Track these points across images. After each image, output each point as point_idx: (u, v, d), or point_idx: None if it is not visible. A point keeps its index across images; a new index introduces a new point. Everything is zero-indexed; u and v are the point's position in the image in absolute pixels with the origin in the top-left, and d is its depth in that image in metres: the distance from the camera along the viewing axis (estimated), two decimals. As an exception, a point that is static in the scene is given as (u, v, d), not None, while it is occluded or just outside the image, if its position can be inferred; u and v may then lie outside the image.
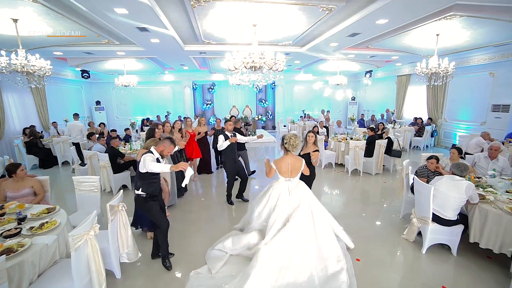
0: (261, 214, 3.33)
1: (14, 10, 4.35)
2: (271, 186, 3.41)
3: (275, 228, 3.04)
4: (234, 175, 4.80)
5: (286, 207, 3.16)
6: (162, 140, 3.07)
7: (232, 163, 4.73)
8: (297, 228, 2.99)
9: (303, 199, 3.20)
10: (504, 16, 4.67)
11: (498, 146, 4.45)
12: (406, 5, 4.23)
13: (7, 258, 2.01)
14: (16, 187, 3.35)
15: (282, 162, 3.24)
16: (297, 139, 3.28)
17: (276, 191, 3.29)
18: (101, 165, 5.26)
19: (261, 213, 3.33)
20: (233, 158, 4.73)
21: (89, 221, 2.21)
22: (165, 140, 3.08)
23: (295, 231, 2.97)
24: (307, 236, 2.98)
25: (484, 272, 2.97)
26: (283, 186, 3.27)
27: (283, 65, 5.12)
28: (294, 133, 3.43)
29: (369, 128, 7.03)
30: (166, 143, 3.06)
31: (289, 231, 2.96)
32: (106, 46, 7.00)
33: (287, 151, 3.29)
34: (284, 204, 3.17)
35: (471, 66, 8.71)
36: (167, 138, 3.11)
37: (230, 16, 5.04)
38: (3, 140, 8.01)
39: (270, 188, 3.40)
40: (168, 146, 3.08)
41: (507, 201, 3.09)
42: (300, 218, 3.04)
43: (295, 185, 3.27)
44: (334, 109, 15.58)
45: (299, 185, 3.31)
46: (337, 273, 2.75)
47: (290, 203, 3.18)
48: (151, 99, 14.18)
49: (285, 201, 3.18)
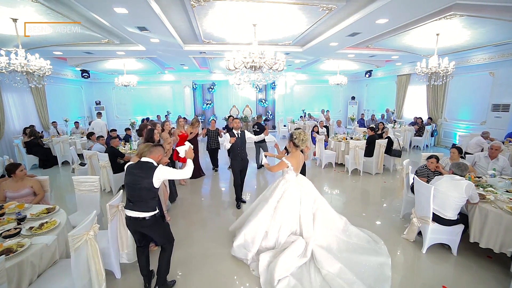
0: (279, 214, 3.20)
1: (13, 9, 4.34)
2: (280, 185, 3.31)
3: (309, 222, 3.17)
4: (239, 173, 4.60)
5: (308, 201, 3.28)
6: (156, 148, 2.62)
7: (239, 161, 4.55)
8: (323, 216, 3.33)
9: (313, 190, 3.42)
10: (504, 15, 4.66)
11: (499, 145, 4.44)
12: (406, 5, 4.22)
13: (6, 258, 2.01)
14: (16, 187, 3.35)
15: (294, 158, 3.23)
16: (306, 134, 3.25)
17: (293, 190, 3.24)
18: (101, 165, 5.25)
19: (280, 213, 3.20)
20: (241, 157, 4.54)
21: (88, 221, 2.21)
22: (158, 147, 2.65)
23: (324, 220, 3.31)
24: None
25: (485, 271, 2.97)
26: (296, 181, 3.31)
27: (283, 64, 5.11)
28: (300, 128, 3.45)
29: (369, 128, 7.03)
30: (161, 150, 2.68)
31: (321, 222, 3.24)
32: (106, 45, 6.99)
33: (296, 147, 3.25)
34: (303, 198, 3.25)
35: (471, 65, 8.70)
36: (158, 146, 2.68)
37: (230, 15, 5.03)
38: (3, 140, 8.01)
39: (281, 187, 3.28)
40: (163, 153, 2.72)
41: (507, 201, 3.08)
42: (322, 207, 3.38)
43: (301, 179, 3.40)
44: (334, 109, 15.57)
45: (303, 179, 3.43)
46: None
47: (306, 197, 3.28)
48: (151, 99, 14.16)
49: (300, 196, 3.25)
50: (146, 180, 2.36)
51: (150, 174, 2.36)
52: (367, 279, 2.74)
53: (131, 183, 2.41)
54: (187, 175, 2.59)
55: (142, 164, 2.46)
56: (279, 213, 3.17)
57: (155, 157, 2.56)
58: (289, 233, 3.18)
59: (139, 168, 2.44)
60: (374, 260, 3.04)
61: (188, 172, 2.59)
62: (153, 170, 2.38)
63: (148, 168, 2.41)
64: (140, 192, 2.38)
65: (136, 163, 2.49)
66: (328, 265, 2.85)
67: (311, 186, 3.46)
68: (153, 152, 2.56)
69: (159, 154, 2.60)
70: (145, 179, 2.36)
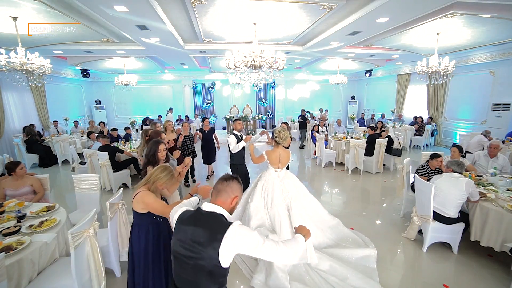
0: (258, 208, 3.37)
1: (13, 8, 4.33)
2: (261, 178, 3.56)
3: (284, 217, 3.20)
4: (244, 180, 4.33)
5: (281, 196, 3.36)
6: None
7: (243, 167, 4.39)
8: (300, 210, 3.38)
9: (296, 184, 3.54)
10: (505, 14, 4.65)
11: (498, 144, 4.44)
12: (406, 3, 4.20)
13: (6, 256, 2.00)
14: (16, 186, 3.34)
15: (273, 154, 3.46)
16: (286, 132, 3.49)
17: (269, 182, 3.45)
18: (101, 163, 5.25)
19: (258, 207, 3.38)
20: (244, 161, 4.39)
21: (88, 219, 2.20)
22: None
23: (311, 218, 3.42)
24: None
25: (485, 270, 2.97)
26: (274, 176, 3.48)
27: (283, 63, 5.10)
28: (283, 126, 3.67)
29: (370, 127, 7.03)
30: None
31: (296, 216, 3.25)
32: (106, 44, 6.98)
33: (277, 144, 3.49)
34: (279, 193, 3.36)
35: (472, 65, 8.69)
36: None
37: (230, 14, 5.02)
38: (3, 139, 8.00)
39: (261, 179, 3.53)
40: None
41: (508, 199, 3.08)
42: (300, 201, 3.43)
43: (283, 175, 3.52)
44: (335, 108, 15.57)
45: (287, 174, 3.57)
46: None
47: (284, 191, 3.39)
48: (151, 98, 14.15)
49: (279, 190, 3.39)
50: (210, 253, 1.28)
51: (218, 240, 1.27)
52: (356, 273, 2.81)
53: (181, 253, 1.35)
54: (294, 257, 1.39)
55: (206, 218, 1.36)
56: (251, 201, 3.40)
57: (226, 201, 1.43)
58: (258, 224, 3.29)
59: (200, 224, 1.34)
60: (359, 253, 3.17)
61: (295, 252, 1.39)
62: (223, 232, 1.29)
63: (216, 227, 1.31)
64: (196, 275, 1.33)
65: (196, 213, 1.41)
66: (319, 264, 2.91)
67: (295, 184, 3.54)
68: (228, 190, 1.43)
69: (235, 194, 1.45)
70: (209, 249, 1.28)
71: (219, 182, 1.46)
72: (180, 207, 1.56)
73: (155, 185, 1.93)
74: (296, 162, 8.16)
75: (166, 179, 1.89)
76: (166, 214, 1.88)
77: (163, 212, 1.96)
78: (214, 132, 6.01)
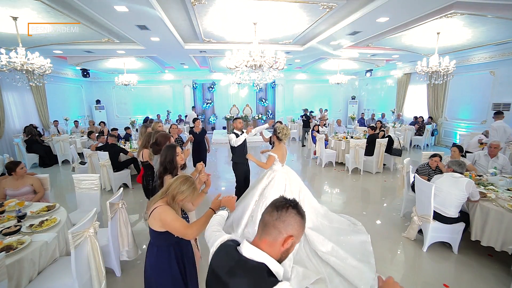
0: None
1: (13, 8, 4.33)
2: (272, 177, 3.53)
3: None
4: (243, 179, 4.39)
5: (293, 189, 3.48)
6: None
7: (245, 165, 4.35)
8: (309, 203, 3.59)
9: (298, 180, 3.69)
10: (505, 14, 4.65)
11: (498, 143, 4.43)
12: (407, 3, 4.20)
13: (6, 255, 2.00)
14: (16, 185, 3.34)
15: (279, 151, 3.52)
16: (289, 129, 3.61)
17: (281, 178, 3.48)
18: (101, 163, 5.25)
19: None
20: (246, 160, 4.27)
21: (89, 219, 2.20)
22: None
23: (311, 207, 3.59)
24: None
25: (485, 270, 2.96)
26: (282, 172, 3.53)
27: (283, 63, 5.10)
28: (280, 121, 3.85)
29: (370, 127, 7.03)
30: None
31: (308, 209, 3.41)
32: (106, 44, 6.98)
33: (279, 140, 3.57)
34: (290, 188, 3.46)
35: (472, 64, 8.68)
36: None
37: (230, 14, 5.02)
38: (3, 139, 8.00)
39: (274, 178, 3.50)
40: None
41: (509, 199, 3.07)
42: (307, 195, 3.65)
43: (287, 169, 3.64)
44: (335, 108, 15.56)
45: (288, 168, 3.68)
46: None
47: (292, 184, 3.51)
48: (151, 98, 14.14)
49: (289, 184, 3.48)
50: None
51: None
52: (355, 255, 3.06)
53: None
54: None
55: (245, 267, 0.98)
56: (265, 199, 3.40)
57: (275, 243, 0.99)
58: None
59: (237, 275, 0.97)
60: (356, 239, 3.44)
61: None
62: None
63: (255, 284, 0.93)
64: None
65: (234, 254, 1.03)
66: (322, 246, 3.10)
67: (296, 176, 3.76)
68: (279, 226, 0.98)
69: (288, 233, 0.98)
70: None
71: (268, 210, 1.02)
72: (217, 231, 1.26)
73: (176, 200, 1.67)
74: (297, 162, 8.16)
75: (188, 192, 1.64)
76: (188, 236, 1.62)
77: (183, 234, 1.62)
78: (206, 134, 5.80)
